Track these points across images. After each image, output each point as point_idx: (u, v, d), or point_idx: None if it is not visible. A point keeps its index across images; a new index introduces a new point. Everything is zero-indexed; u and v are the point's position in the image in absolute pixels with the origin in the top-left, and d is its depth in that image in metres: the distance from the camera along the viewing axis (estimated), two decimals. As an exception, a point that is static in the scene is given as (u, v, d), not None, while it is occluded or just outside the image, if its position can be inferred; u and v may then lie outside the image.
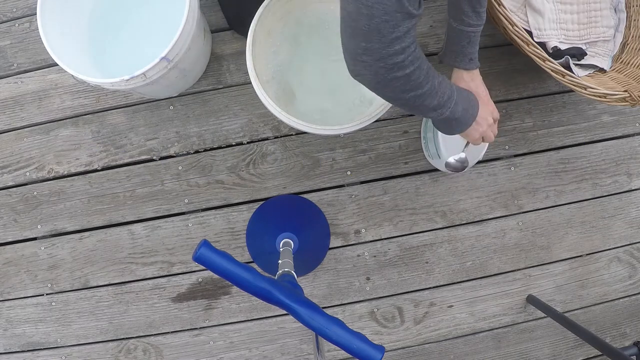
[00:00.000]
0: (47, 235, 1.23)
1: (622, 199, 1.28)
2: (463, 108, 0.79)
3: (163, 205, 1.22)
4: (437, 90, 0.72)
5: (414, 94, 0.69)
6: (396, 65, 0.63)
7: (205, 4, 1.20)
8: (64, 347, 1.25)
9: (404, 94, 0.69)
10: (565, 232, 1.27)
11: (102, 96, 1.22)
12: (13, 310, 1.25)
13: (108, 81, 0.90)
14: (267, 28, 1.03)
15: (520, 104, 1.25)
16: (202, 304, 1.24)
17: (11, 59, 1.22)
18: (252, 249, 1.22)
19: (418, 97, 0.70)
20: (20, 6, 1.22)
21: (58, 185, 1.22)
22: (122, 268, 1.23)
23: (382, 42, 0.60)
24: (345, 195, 1.23)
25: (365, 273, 1.24)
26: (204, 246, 0.62)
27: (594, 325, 1.29)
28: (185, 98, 1.21)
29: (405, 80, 0.66)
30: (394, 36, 0.60)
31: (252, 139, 1.22)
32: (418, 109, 0.74)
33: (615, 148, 1.27)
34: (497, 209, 1.25)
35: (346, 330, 0.62)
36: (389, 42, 0.61)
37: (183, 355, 1.25)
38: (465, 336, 1.27)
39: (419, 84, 0.68)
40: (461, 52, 0.88)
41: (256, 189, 1.22)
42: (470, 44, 0.87)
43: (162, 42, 0.90)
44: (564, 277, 1.28)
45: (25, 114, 1.22)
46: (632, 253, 1.29)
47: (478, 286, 1.26)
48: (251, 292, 0.63)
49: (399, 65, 0.64)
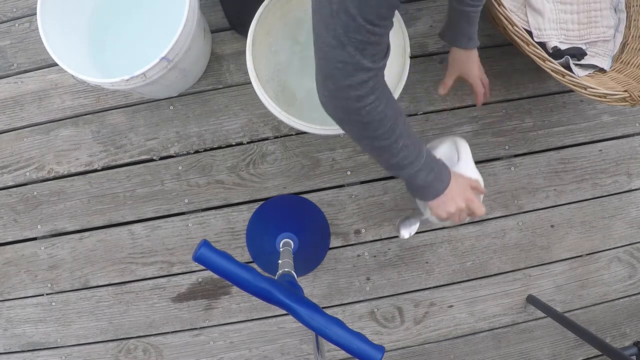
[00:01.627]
0: (47, 235, 1.23)
1: (622, 199, 1.28)
2: (427, 179, 0.76)
3: (163, 205, 1.22)
4: (399, 151, 0.71)
5: (370, 143, 0.70)
6: (352, 110, 0.65)
7: (205, 4, 1.20)
8: (64, 347, 1.25)
9: (360, 140, 0.70)
10: (565, 232, 1.27)
11: (102, 96, 1.22)
12: (13, 310, 1.25)
13: (108, 81, 0.90)
14: (267, 28, 1.03)
15: (520, 104, 1.25)
16: (202, 304, 1.24)
17: (11, 59, 1.22)
18: (252, 249, 1.22)
19: (374, 148, 0.70)
20: (20, 6, 1.22)
21: (58, 185, 1.22)
22: (122, 268, 1.23)
23: (337, 85, 0.62)
24: (345, 195, 1.23)
25: (365, 273, 1.24)
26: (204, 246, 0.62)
27: (594, 325, 1.29)
28: (185, 98, 1.21)
29: (362, 127, 0.67)
30: (347, 83, 0.62)
31: (252, 139, 1.22)
32: (376, 158, 0.74)
33: (615, 148, 1.27)
34: (497, 209, 1.25)
35: (346, 330, 0.62)
36: (344, 87, 0.62)
37: (183, 355, 1.25)
38: (465, 336, 1.27)
39: (377, 136, 0.68)
40: (461, 31, 0.89)
41: (256, 189, 1.22)
42: (470, 24, 0.89)
43: (162, 42, 0.90)
44: (564, 277, 1.28)
45: (25, 114, 1.22)
46: (632, 253, 1.29)
47: (478, 286, 1.26)
48: (251, 292, 0.63)
49: (355, 111, 0.65)
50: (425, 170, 0.75)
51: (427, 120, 1.23)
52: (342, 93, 0.63)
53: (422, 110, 1.23)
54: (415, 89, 1.22)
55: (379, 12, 0.57)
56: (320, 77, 0.64)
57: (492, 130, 1.24)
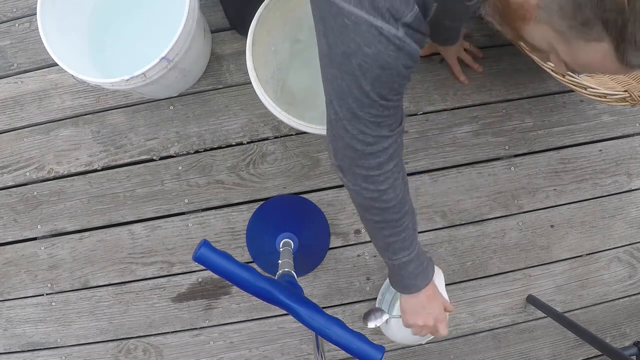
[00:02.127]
0: (47, 235, 1.23)
1: (622, 199, 1.28)
2: (415, 272, 0.75)
3: (163, 205, 1.22)
4: (403, 230, 0.71)
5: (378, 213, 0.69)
6: (371, 177, 0.65)
7: (205, 4, 1.20)
8: (64, 347, 1.25)
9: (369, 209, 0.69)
10: (565, 232, 1.27)
11: (102, 96, 1.22)
12: (13, 310, 1.24)
13: (108, 81, 0.90)
14: (267, 28, 1.02)
15: (520, 104, 1.25)
16: (202, 304, 1.24)
17: (11, 59, 1.22)
18: (252, 249, 1.22)
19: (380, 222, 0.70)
20: (20, 6, 1.22)
21: (58, 185, 1.22)
22: (122, 268, 1.23)
23: (358, 154, 0.63)
24: (345, 195, 1.23)
25: (365, 273, 1.24)
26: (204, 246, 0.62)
27: (594, 325, 1.29)
28: (185, 98, 1.21)
29: (377, 194, 0.67)
30: (368, 151, 0.63)
31: (252, 139, 1.22)
32: (376, 233, 0.73)
33: (615, 148, 1.27)
34: (497, 209, 1.25)
35: (346, 330, 0.62)
36: (365, 155, 0.63)
37: (183, 355, 1.25)
38: (465, 336, 1.27)
39: (388, 208, 0.68)
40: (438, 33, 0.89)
41: (256, 189, 1.22)
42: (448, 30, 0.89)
43: (162, 42, 0.90)
44: (564, 277, 1.28)
45: (25, 114, 1.22)
46: (632, 253, 1.29)
47: (478, 286, 1.26)
48: (251, 292, 0.63)
49: (374, 178, 0.65)
50: (416, 261, 0.75)
51: (427, 120, 1.23)
52: (363, 161, 0.64)
53: (422, 110, 1.23)
54: (415, 89, 1.22)
55: (392, 87, 0.58)
56: (339, 145, 0.64)
57: (492, 130, 1.24)
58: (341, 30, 0.55)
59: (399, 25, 0.54)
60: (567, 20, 0.50)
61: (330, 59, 0.59)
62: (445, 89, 1.23)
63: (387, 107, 0.60)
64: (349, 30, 0.54)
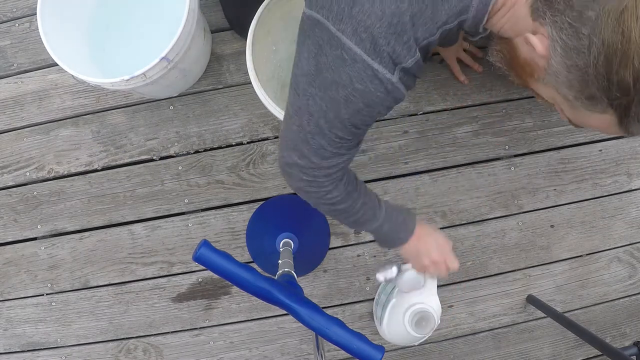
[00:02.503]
0: (47, 235, 1.23)
1: (622, 199, 1.28)
2: (389, 229, 0.80)
3: (163, 205, 1.22)
4: (357, 211, 0.75)
5: (328, 208, 0.74)
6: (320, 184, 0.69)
7: (205, 4, 1.20)
8: (64, 347, 1.25)
9: (318, 206, 0.75)
10: (565, 232, 1.27)
11: (102, 96, 1.22)
12: (13, 310, 1.25)
13: (108, 81, 0.90)
14: (267, 28, 1.03)
15: (520, 104, 1.24)
16: (202, 304, 1.24)
17: (11, 59, 1.22)
18: (252, 249, 1.22)
19: (333, 211, 0.75)
20: (20, 6, 1.22)
21: (58, 185, 1.22)
22: (122, 268, 1.23)
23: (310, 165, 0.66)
24: (345, 195, 1.23)
25: (365, 273, 1.24)
26: (204, 246, 0.62)
27: (594, 325, 1.29)
28: (185, 98, 1.21)
29: (320, 195, 0.71)
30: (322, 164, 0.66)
31: (252, 139, 1.22)
32: (336, 219, 0.78)
33: (615, 148, 1.27)
34: (497, 209, 1.25)
35: (346, 330, 0.62)
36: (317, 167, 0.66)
37: (183, 355, 1.25)
38: (465, 336, 1.27)
39: (334, 202, 0.72)
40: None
41: (256, 189, 1.22)
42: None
43: (162, 42, 0.90)
44: (564, 277, 1.28)
45: (25, 114, 1.22)
46: (632, 253, 1.29)
47: (478, 286, 1.26)
48: (251, 292, 0.63)
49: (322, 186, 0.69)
50: (388, 222, 0.79)
51: (427, 120, 1.23)
52: (315, 171, 0.66)
53: (422, 110, 1.23)
54: (415, 89, 1.22)
55: (367, 121, 0.61)
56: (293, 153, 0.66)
57: (492, 130, 1.24)
58: (336, 61, 0.55)
59: (396, 70, 0.56)
60: (573, 92, 0.52)
61: (314, 79, 0.59)
62: (445, 89, 1.23)
63: (355, 133, 0.62)
64: (345, 64, 0.55)
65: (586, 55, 0.47)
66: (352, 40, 0.53)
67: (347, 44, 0.54)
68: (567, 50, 0.49)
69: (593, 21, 0.46)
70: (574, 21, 0.47)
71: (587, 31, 0.46)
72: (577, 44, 0.48)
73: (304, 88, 0.61)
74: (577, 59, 0.49)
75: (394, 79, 0.56)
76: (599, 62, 0.47)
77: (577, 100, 0.52)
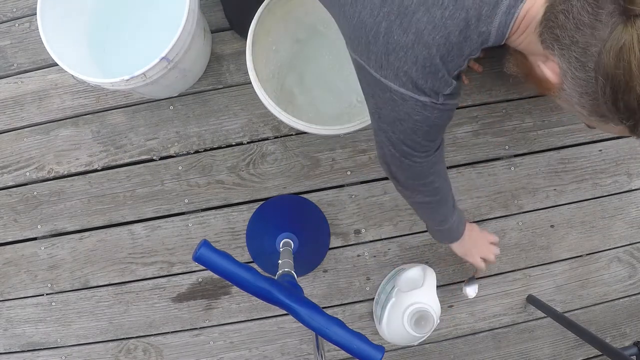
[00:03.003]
0: (47, 235, 1.23)
1: (622, 199, 1.28)
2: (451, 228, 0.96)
3: (163, 205, 1.22)
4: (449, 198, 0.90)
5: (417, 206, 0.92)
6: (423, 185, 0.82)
7: (205, 4, 1.20)
8: (64, 347, 1.25)
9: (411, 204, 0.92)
10: (565, 232, 1.27)
11: (102, 96, 1.22)
12: (13, 310, 1.25)
13: (108, 81, 0.90)
14: (267, 28, 1.03)
15: (520, 104, 1.24)
16: (202, 304, 1.24)
17: (11, 59, 1.22)
18: (252, 249, 1.22)
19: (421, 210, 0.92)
20: (20, 6, 1.22)
21: (58, 185, 1.22)
22: (122, 268, 1.23)
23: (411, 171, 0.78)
24: (345, 195, 1.23)
25: (365, 273, 1.24)
26: (204, 246, 0.62)
27: (594, 325, 1.29)
28: (185, 98, 1.21)
29: (430, 187, 0.83)
30: (419, 169, 0.77)
31: (252, 139, 1.22)
32: (432, 212, 0.92)
33: (615, 148, 1.27)
34: (497, 209, 1.25)
35: (346, 330, 0.62)
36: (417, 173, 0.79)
37: (183, 355, 1.25)
38: (465, 336, 1.27)
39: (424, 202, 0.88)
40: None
41: (256, 189, 1.22)
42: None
43: (162, 42, 0.90)
44: (564, 277, 1.28)
45: (25, 114, 1.22)
46: (632, 253, 1.29)
47: (478, 286, 1.26)
48: (251, 292, 0.63)
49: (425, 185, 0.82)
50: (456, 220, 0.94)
51: (427, 120, 1.23)
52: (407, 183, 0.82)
53: (422, 110, 1.23)
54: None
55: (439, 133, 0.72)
56: (395, 167, 0.78)
57: (492, 130, 1.24)
58: (390, 102, 0.64)
59: (439, 96, 0.63)
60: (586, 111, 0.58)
61: (379, 117, 0.69)
62: (445, 89, 1.23)
63: (434, 143, 0.73)
64: (397, 104, 0.64)
65: (594, 85, 0.53)
66: (395, 83, 0.62)
67: (392, 87, 0.62)
68: (577, 80, 0.55)
69: (597, 57, 0.51)
70: (580, 56, 0.53)
71: (592, 65, 0.52)
72: (584, 76, 0.53)
73: (378, 124, 0.71)
74: (586, 88, 0.54)
75: (440, 101, 0.63)
76: (605, 92, 0.52)
77: (591, 116, 0.58)
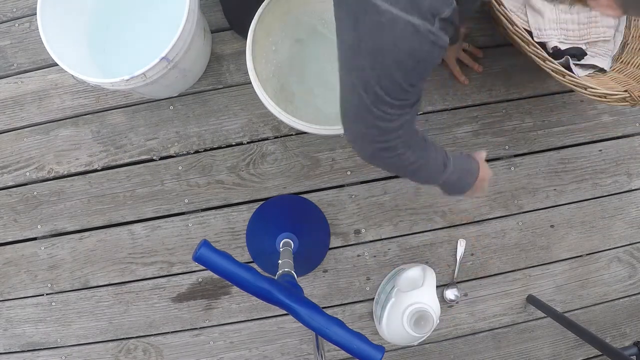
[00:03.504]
0: (47, 235, 1.23)
1: (622, 199, 1.28)
2: (458, 177, 0.84)
3: (163, 205, 1.22)
4: (430, 166, 0.78)
5: (405, 170, 0.76)
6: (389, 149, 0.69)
7: (205, 4, 1.20)
8: (64, 347, 1.25)
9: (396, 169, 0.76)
10: (565, 232, 1.27)
11: (102, 96, 1.22)
12: (13, 310, 1.24)
13: (108, 81, 0.90)
14: (267, 28, 1.03)
15: (520, 104, 1.25)
16: (202, 304, 1.24)
17: (11, 59, 1.22)
18: (252, 249, 1.22)
19: (409, 172, 0.77)
20: (20, 6, 1.22)
21: (58, 185, 1.22)
22: (122, 268, 1.23)
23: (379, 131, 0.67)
24: (345, 195, 1.23)
25: (365, 273, 1.24)
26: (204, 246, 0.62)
27: (594, 325, 1.29)
28: (185, 98, 1.21)
29: (395, 159, 0.72)
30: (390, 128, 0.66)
31: (252, 139, 1.22)
32: (412, 178, 0.81)
33: (615, 148, 1.27)
34: (497, 209, 1.25)
35: (346, 330, 0.62)
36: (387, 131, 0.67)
37: (183, 355, 1.25)
38: (465, 336, 1.27)
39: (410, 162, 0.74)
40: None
41: (256, 189, 1.22)
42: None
43: (162, 42, 0.90)
44: (564, 277, 1.28)
45: (25, 114, 1.22)
46: (632, 253, 1.29)
47: (478, 286, 1.26)
48: (251, 292, 0.63)
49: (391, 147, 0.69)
50: (455, 172, 0.82)
51: (427, 120, 1.23)
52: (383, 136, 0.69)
53: (422, 111, 1.23)
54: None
55: (422, 76, 0.62)
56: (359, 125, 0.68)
57: (492, 130, 1.24)
58: (375, 27, 0.56)
59: (435, 20, 0.56)
60: None
61: (358, 51, 0.60)
62: (445, 89, 1.23)
63: (413, 92, 0.63)
64: (383, 27, 0.56)
65: None
66: (386, 1, 0.54)
67: (381, 6, 0.54)
68: None
69: None
70: None
71: None
72: None
73: (352, 63, 0.62)
74: None
75: (434, 29, 0.56)
76: None
77: None
